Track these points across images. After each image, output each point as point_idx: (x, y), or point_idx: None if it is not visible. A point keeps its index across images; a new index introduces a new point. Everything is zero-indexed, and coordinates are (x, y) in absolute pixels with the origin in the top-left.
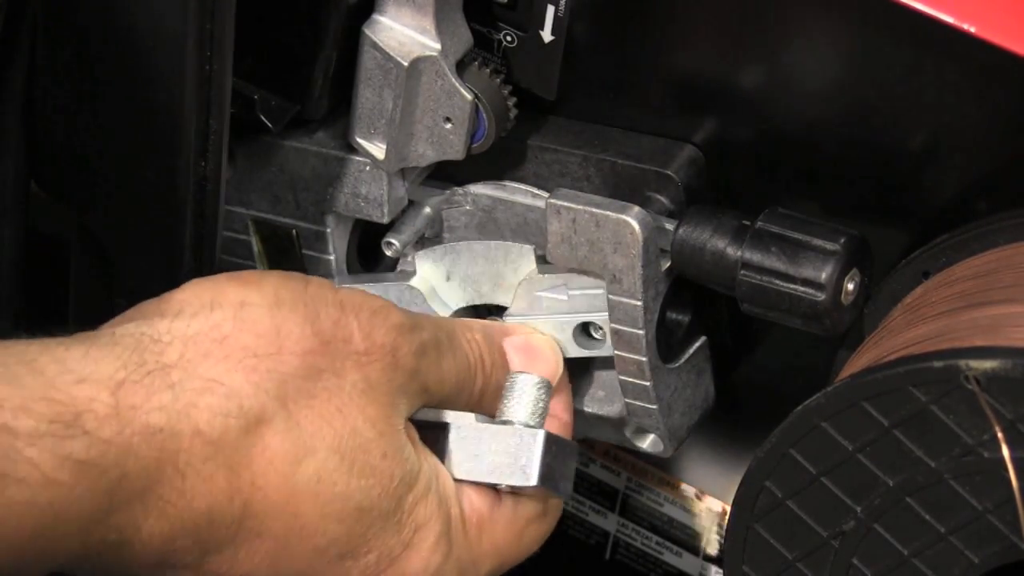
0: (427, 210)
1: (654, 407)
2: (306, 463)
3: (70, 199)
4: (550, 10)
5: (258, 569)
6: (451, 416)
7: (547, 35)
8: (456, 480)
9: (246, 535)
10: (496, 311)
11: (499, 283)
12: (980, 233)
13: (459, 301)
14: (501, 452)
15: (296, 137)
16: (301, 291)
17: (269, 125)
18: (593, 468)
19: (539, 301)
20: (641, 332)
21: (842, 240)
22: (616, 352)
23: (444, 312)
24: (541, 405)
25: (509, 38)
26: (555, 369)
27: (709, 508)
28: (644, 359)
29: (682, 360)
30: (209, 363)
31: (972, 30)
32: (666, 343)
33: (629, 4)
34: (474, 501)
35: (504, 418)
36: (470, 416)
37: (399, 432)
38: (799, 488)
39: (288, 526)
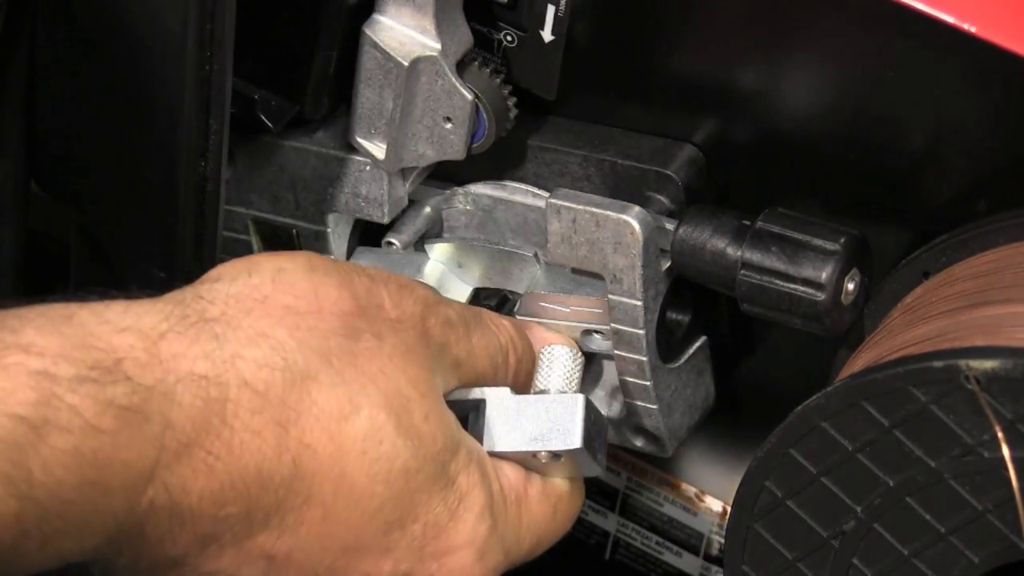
0: (427, 210)
1: (654, 407)
2: (352, 420)
3: (70, 199)
4: (550, 10)
5: (304, 542)
6: (488, 392)
7: (547, 35)
8: (495, 454)
9: (294, 500)
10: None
11: (508, 276)
12: (980, 233)
13: (471, 283)
14: (542, 419)
15: (296, 137)
16: (331, 262)
17: (269, 125)
18: None
19: (543, 310)
20: (641, 332)
21: (842, 240)
22: (616, 352)
23: (458, 294)
24: (577, 375)
25: (509, 38)
26: (573, 373)
27: (709, 508)
28: (644, 359)
29: (682, 360)
30: (252, 318)
31: (972, 30)
32: (666, 343)
33: (629, 4)
34: (511, 477)
35: (540, 388)
36: (506, 390)
37: (439, 398)
38: (799, 488)
39: (336, 488)
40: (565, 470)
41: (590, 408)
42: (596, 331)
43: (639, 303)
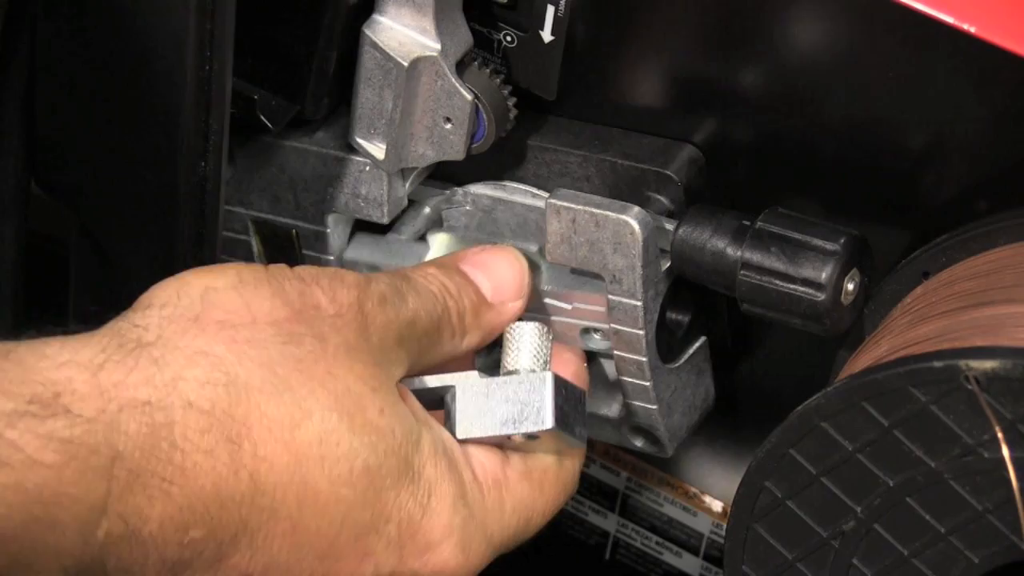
0: (427, 210)
1: (654, 407)
2: (305, 426)
3: (70, 199)
4: (550, 10)
5: (278, 557)
6: (456, 378)
7: (547, 35)
8: (468, 441)
9: (259, 516)
10: None
11: None
12: (980, 233)
13: None
14: (511, 401)
15: (296, 137)
16: (262, 271)
17: (269, 125)
18: (593, 468)
19: (544, 307)
20: (641, 332)
21: (842, 240)
22: (616, 352)
23: None
24: (545, 350)
25: (509, 38)
26: (520, 276)
27: (709, 508)
28: (644, 359)
29: (682, 360)
30: (188, 338)
31: (972, 30)
32: (666, 343)
33: (629, 4)
34: (484, 462)
35: (508, 369)
36: (474, 374)
37: (392, 390)
38: (799, 488)
39: (300, 498)
40: (544, 447)
41: (560, 384)
42: (595, 329)
43: (639, 303)
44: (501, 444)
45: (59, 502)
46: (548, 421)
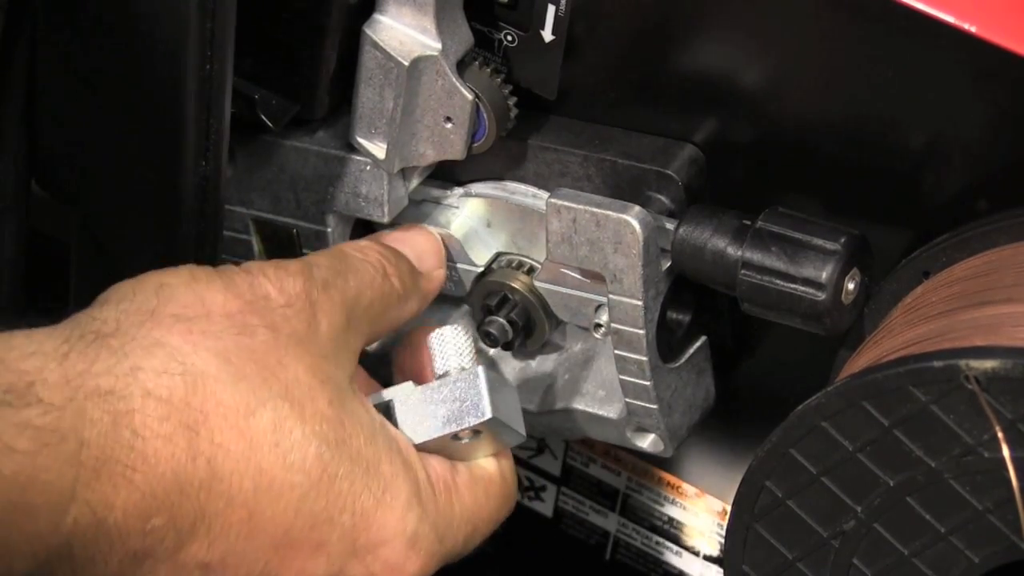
0: (427, 210)
1: (654, 407)
2: (259, 414)
3: (70, 199)
4: (550, 10)
5: (235, 545)
6: (393, 391)
7: (548, 35)
8: (417, 447)
9: (216, 503)
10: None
11: (534, 242)
12: (980, 233)
13: (496, 247)
14: (449, 400)
15: (296, 137)
16: (213, 269)
17: (269, 125)
18: (593, 468)
19: (564, 277)
20: (641, 332)
21: (842, 240)
22: (616, 352)
23: (480, 256)
24: (469, 347)
25: (510, 38)
26: (438, 247)
27: (709, 508)
28: (644, 359)
29: (682, 360)
30: (145, 330)
31: (972, 30)
32: (666, 343)
33: (629, 4)
34: (436, 467)
35: (440, 372)
36: (409, 384)
37: (343, 381)
38: (799, 488)
39: (256, 484)
40: (488, 446)
41: (491, 378)
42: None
43: (639, 303)
44: (448, 452)
45: (34, 487)
46: (487, 411)
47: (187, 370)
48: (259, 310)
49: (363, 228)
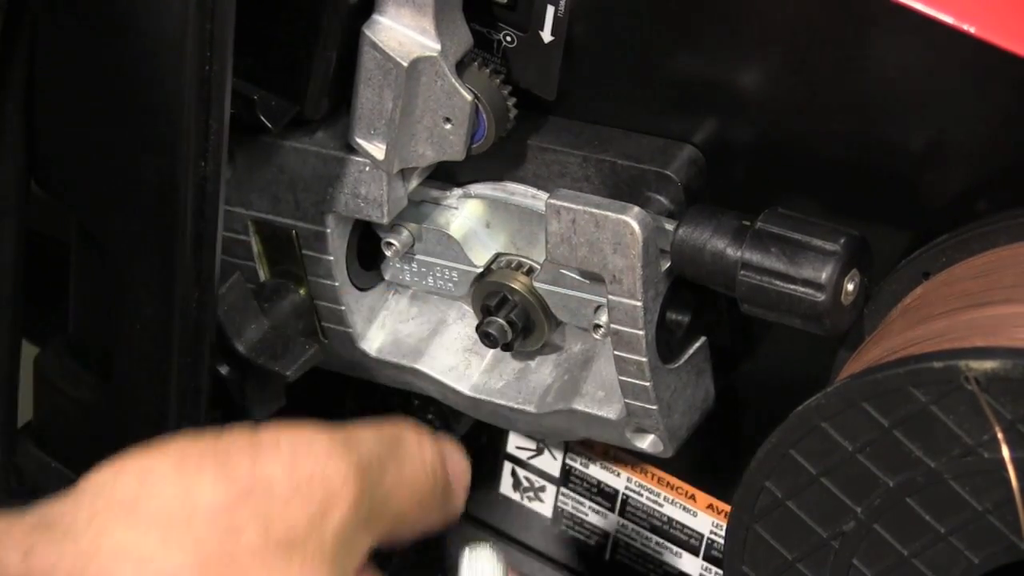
0: (426, 209)
1: (654, 407)
2: None
3: (70, 199)
4: (550, 10)
5: None
6: None
7: (547, 35)
8: None
9: None
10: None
11: (534, 242)
12: (980, 233)
13: (495, 248)
14: None
15: (296, 137)
16: (211, 445)
17: (269, 125)
18: (593, 468)
19: (563, 278)
20: (641, 332)
21: (842, 240)
22: (615, 352)
23: (480, 256)
24: (500, 569)
25: (509, 38)
26: (468, 470)
27: (709, 508)
28: (644, 359)
29: (682, 360)
30: (120, 530)
31: (972, 30)
32: (666, 343)
33: (629, 4)
34: None
35: None
36: None
37: None
38: (799, 488)
39: None
40: None
41: None
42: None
43: (639, 303)
44: None
45: None
46: None
47: None
48: (255, 500)
49: (363, 228)
